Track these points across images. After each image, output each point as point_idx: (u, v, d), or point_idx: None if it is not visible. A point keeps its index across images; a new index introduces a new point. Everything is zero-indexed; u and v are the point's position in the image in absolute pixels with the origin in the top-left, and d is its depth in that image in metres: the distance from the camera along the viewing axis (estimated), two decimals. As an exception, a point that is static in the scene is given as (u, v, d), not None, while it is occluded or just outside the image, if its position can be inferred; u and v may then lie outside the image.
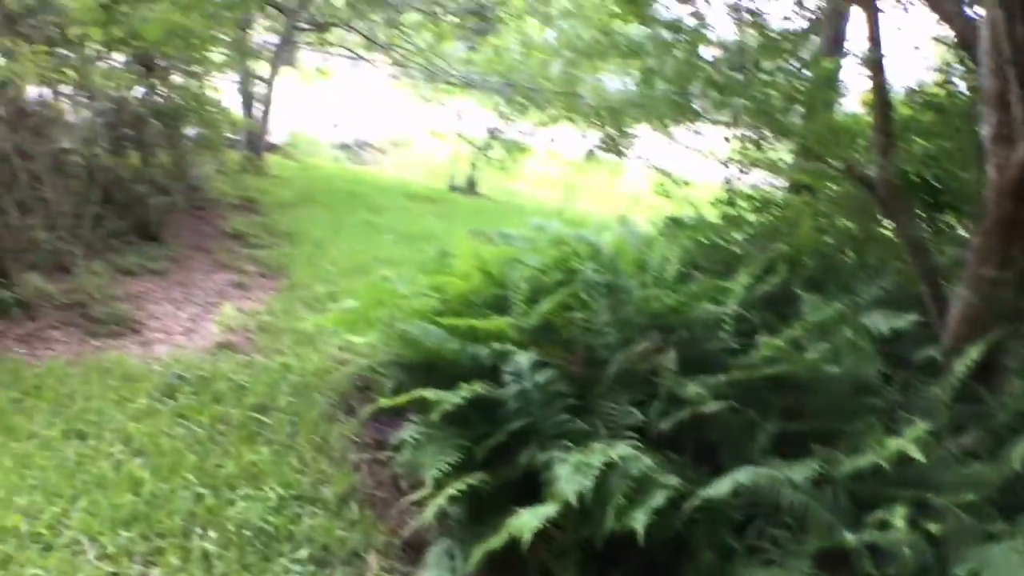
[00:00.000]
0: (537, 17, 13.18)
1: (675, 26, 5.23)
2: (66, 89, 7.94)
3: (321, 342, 5.98)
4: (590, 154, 12.91)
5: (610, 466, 3.38)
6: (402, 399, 4.21)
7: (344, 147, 20.30)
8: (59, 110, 7.81)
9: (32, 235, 6.53)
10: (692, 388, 3.77)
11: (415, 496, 3.90)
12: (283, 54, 14.97)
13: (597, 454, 3.46)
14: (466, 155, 17.21)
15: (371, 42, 16.31)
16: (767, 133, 5.04)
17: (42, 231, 6.64)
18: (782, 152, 5.29)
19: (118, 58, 8.34)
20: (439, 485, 3.64)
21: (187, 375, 5.21)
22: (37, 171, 6.83)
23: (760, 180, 5.74)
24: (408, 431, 4.03)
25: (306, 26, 15.34)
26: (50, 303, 6.22)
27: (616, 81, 10.62)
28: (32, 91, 7.51)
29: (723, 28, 5.22)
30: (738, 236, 5.47)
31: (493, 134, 16.64)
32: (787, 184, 5.70)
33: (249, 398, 4.95)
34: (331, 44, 17.22)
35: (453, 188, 17.14)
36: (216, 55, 10.17)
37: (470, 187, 17.25)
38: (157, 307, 6.77)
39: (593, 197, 15.39)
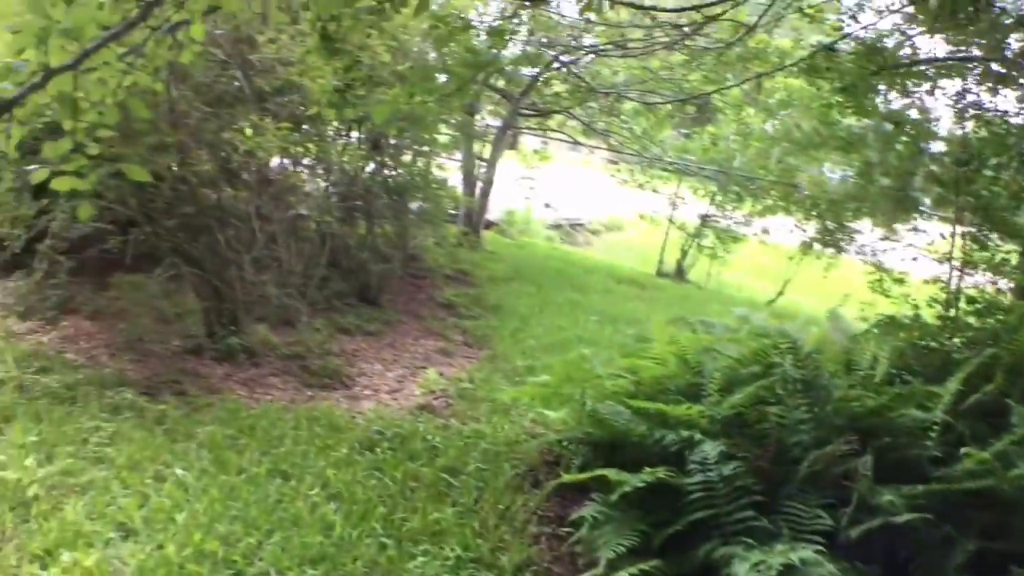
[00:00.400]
0: (755, 107, 13.12)
1: (897, 118, 5.08)
2: (306, 161, 8.75)
3: (515, 413, 6.13)
4: (805, 246, 12.57)
5: (790, 569, 3.24)
6: (584, 476, 4.25)
7: (557, 227, 20.89)
8: (298, 179, 8.58)
9: (264, 290, 7.19)
10: (887, 496, 3.57)
11: (588, 575, 3.89)
12: (505, 137, 15.73)
13: (778, 555, 3.33)
14: (677, 241, 17.19)
15: (589, 128, 16.84)
16: (991, 232, 4.73)
17: (273, 287, 7.30)
18: (1008, 253, 4.93)
19: (354, 135, 9.11)
20: (613, 567, 3.63)
21: (387, 431, 5.51)
22: (274, 233, 7.54)
23: (984, 281, 5.37)
24: (589, 509, 4.05)
25: (528, 112, 16.07)
26: (273, 352, 6.81)
27: (836, 173, 10.32)
28: (275, 161, 8.32)
29: (946, 121, 5.01)
30: (956, 340, 5.13)
31: (706, 222, 16.58)
32: (1013, 287, 5.29)
33: (441, 459, 5.15)
34: (551, 129, 17.92)
35: (661, 274, 17.13)
36: (443, 137, 10.87)
37: (679, 274, 17.16)
38: (368, 365, 7.24)
39: (806, 289, 14.87)
